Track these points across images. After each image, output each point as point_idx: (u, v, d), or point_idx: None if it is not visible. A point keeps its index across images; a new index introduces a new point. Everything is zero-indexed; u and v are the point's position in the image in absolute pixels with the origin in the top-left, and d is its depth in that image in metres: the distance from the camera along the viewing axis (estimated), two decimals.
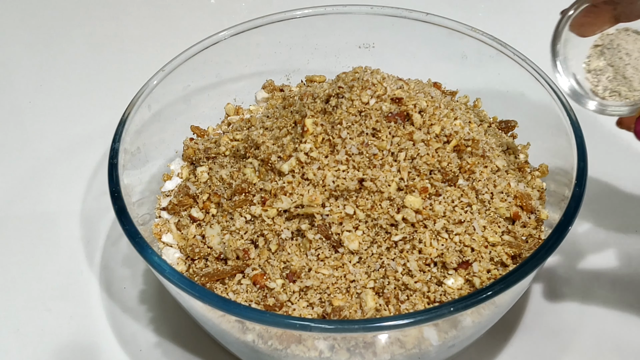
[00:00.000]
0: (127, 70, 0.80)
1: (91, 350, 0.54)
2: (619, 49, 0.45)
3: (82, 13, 0.91)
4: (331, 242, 0.48)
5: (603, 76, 0.46)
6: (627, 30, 0.46)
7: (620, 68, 0.45)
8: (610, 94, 0.46)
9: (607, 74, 0.46)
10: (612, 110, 0.46)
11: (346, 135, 0.49)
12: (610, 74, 0.46)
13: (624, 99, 0.45)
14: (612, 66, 0.46)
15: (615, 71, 0.46)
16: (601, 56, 0.46)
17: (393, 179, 0.48)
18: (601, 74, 0.46)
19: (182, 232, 0.53)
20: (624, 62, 0.45)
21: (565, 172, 0.51)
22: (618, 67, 0.45)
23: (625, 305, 0.56)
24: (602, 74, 0.46)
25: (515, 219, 0.50)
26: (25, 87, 0.80)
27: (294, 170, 0.50)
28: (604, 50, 0.46)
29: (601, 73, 0.46)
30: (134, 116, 0.55)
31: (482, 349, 0.53)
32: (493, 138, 0.54)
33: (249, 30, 0.64)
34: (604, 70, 0.46)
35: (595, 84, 0.46)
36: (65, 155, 0.71)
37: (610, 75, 0.46)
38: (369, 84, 0.51)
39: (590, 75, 0.47)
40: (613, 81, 0.46)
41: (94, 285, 0.59)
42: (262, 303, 0.47)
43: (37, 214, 0.65)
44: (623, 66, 0.45)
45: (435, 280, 0.47)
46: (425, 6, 0.65)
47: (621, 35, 0.46)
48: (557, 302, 0.56)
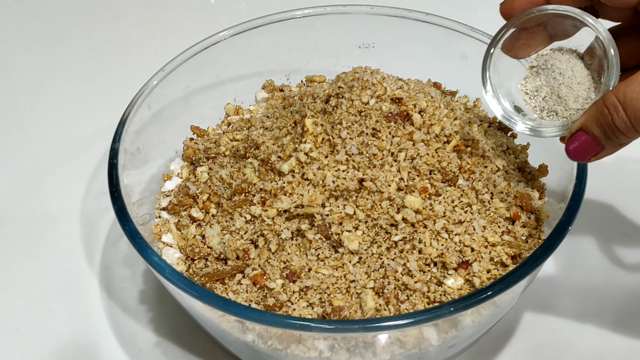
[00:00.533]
0: (127, 71, 0.80)
1: (91, 350, 0.54)
2: (552, 69, 0.46)
3: (82, 13, 0.91)
4: (331, 242, 0.48)
5: (540, 97, 0.46)
6: (561, 50, 0.46)
7: (555, 88, 0.45)
8: (548, 114, 0.46)
9: (543, 94, 0.46)
10: (547, 132, 0.46)
11: (346, 135, 0.49)
12: (547, 94, 0.46)
13: (561, 119, 0.45)
14: (548, 86, 0.46)
15: (550, 91, 0.46)
16: (537, 77, 0.47)
17: (393, 179, 0.48)
18: (537, 94, 0.46)
19: (182, 232, 0.53)
20: (558, 82, 0.45)
21: (565, 172, 0.51)
22: (553, 87, 0.46)
23: (625, 305, 0.56)
24: (538, 95, 0.46)
25: (515, 219, 0.50)
26: (25, 87, 0.80)
27: (294, 170, 0.50)
28: (539, 71, 0.46)
29: (537, 94, 0.46)
30: (134, 116, 0.55)
31: (482, 349, 0.53)
32: (493, 138, 0.54)
33: (248, 31, 0.64)
34: (540, 90, 0.46)
35: (533, 105, 0.47)
36: (65, 155, 0.71)
37: (547, 96, 0.46)
38: (369, 84, 0.51)
39: (528, 97, 0.47)
40: (549, 101, 0.46)
41: (94, 285, 0.59)
42: (262, 303, 0.47)
43: (37, 214, 0.65)
44: (557, 86, 0.45)
45: (435, 280, 0.47)
46: (425, 6, 0.65)
47: (555, 55, 0.46)
48: (557, 303, 0.56)
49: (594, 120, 0.41)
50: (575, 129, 0.42)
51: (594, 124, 0.41)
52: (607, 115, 0.40)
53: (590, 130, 0.42)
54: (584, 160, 0.43)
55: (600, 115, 0.40)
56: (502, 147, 0.56)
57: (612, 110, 0.40)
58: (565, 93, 0.45)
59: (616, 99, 0.39)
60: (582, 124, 0.42)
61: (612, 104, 0.40)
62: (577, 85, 0.45)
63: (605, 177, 0.64)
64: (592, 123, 0.41)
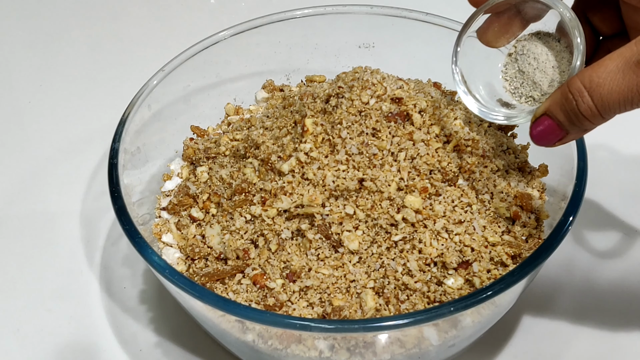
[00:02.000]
0: (127, 70, 0.80)
1: (91, 350, 0.54)
2: (528, 54, 0.45)
3: (82, 13, 0.91)
4: (331, 242, 0.48)
5: (518, 84, 0.46)
6: (539, 34, 0.46)
7: (530, 73, 0.45)
8: (526, 100, 0.46)
9: (520, 81, 0.46)
10: (518, 119, 0.46)
11: (346, 135, 0.49)
12: (523, 80, 0.46)
13: (537, 103, 0.45)
14: (523, 72, 0.46)
15: (526, 77, 0.46)
16: (514, 63, 0.47)
17: (393, 179, 0.48)
18: (516, 81, 0.46)
19: (182, 232, 0.53)
20: (532, 67, 0.45)
21: (565, 172, 0.51)
22: (528, 72, 0.46)
23: (625, 305, 0.56)
24: (517, 82, 0.46)
25: (515, 219, 0.50)
26: (25, 87, 0.80)
27: (294, 170, 0.50)
28: (516, 57, 0.46)
29: (516, 81, 0.46)
30: (134, 116, 0.55)
31: (482, 349, 0.53)
32: (493, 138, 0.54)
33: (249, 30, 0.64)
34: (517, 78, 0.46)
35: (512, 93, 0.47)
36: (65, 155, 0.71)
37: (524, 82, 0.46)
38: (369, 83, 0.51)
39: (508, 84, 0.47)
40: (526, 87, 0.46)
41: (94, 285, 0.59)
42: (262, 303, 0.47)
43: (37, 214, 0.65)
44: (532, 71, 0.45)
45: (435, 280, 0.47)
46: (425, 6, 0.65)
47: (532, 40, 0.46)
48: (557, 302, 0.56)
49: (558, 105, 0.40)
50: (540, 113, 0.41)
51: (558, 109, 0.40)
52: (571, 100, 0.39)
53: (555, 115, 0.40)
54: (548, 145, 0.42)
55: (565, 101, 0.39)
56: (502, 147, 0.55)
57: (577, 95, 0.38)
58: (539, 78, 0.45)
59: (581, 84, 0.38)
60: (547, 109, 0.41)
61: (577, 89, 0.38)
62: (551, 69, 0.44)
63: (605, 177, 0.64)
64: (557, 108, 0.40)
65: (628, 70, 0.36)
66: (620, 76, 0.36)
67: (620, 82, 0.36)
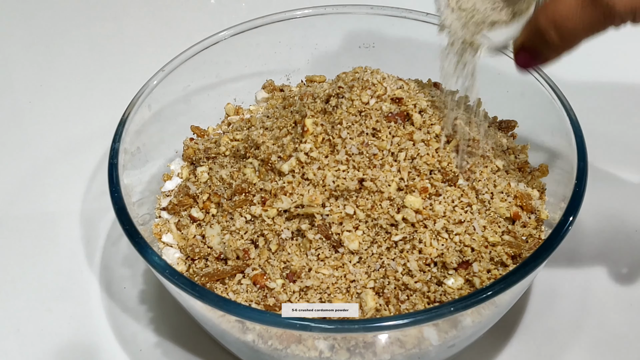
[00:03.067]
0: (127, 70, 0.80)
1: (91, 350, 0.54)
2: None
3: (82, 13, 0.91)
4: (331, 242, 0.48)
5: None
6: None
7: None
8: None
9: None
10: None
11: (346, 135, 0.49)
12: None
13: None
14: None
15: None
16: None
17: (393, 179, 0.48)
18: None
19: (182, 232, 0.53)
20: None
21: (565, 172, 0.51)
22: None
23: (625, 305, 0.56)
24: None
25: (515, 219, 0.50)
26: (25, 87, 0.80)
27: (294, 170, 0.50)
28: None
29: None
30: (134, 116, 0.55)
31: (482, 349, 0.53)
32: (493, 138, 0.54)
33: (249, 30, 0.64)
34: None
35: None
36: (65, 155, 0.71)
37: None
38: (369, 84, 0.51)
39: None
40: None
41: (94, 285, 0.59)
42: (262, 303, 0.47)
43: (37, 214, 0.65)
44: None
45: (435, 280, 0.47)
46: (425, 6, 0.64)
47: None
48: (557, 302, 0.56)
49: (531, 40, 0.44)
50: (517, 47, 0.45)
51: (532, 42, 0.44)
52: (542, 35, 0.43)
53: (531, 47, 0.44)
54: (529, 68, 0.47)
55: (536, 36, 0.43)
56: (502, 147, 0.56)
57: (545, 31, 0.42)
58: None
59: (547, 21, 0.42)
60: (522, 43, 0.45)
61: (544, 26, 0.42)
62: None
63: (605, 177, 0.64)
64: (530, 42, 0.44)
65: (587, 6, 0.40)
66: (580, 11, 0.40)
67: (582, 16, 0.40)
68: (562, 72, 0.54)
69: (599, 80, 0.75)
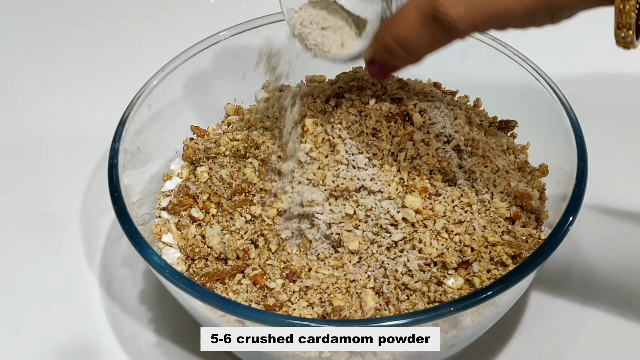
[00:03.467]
0: (127, 70, 0.80)
1: (91, 350, 0.54)
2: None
3: (82, 13, 0.91)
4: (331, 242, 0.48)
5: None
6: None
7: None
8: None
9: None
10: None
11: (346, 135, 0.49)
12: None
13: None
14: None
15: None
16: None
17: (393, 179, 0.48)
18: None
19: (182, 232, 0.53)
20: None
21: (565, 172, 0.51)
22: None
23: (625, 305, 0.56)
24: None
25: (515, 218, 0.50)
26: (25, 87, 0.80)
27: (294, 170, 0.49)
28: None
29: None
30: (134, 116, 0.55)
31: (482, 349, 0.53)
32: (493, 138, 0.54)
33: (249, 30, 0.64)
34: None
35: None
36: (65, 155, 0.71)
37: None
38: (368, 83, 0.51)
39: None
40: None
41: (94, 285, 0.59)
42: (262, 303, 0.47)
43: (37, 214, 0.65)
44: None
45: (435, 280, 0.47)
46: None
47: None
48: (557, 302, 0.56)
49: (379, 55, 0.45)
50: (367, 60, 0.47)
51: (381, 57, 0.45)
52: (389, 52, 0.44)
53: (380, 61, 0.46)
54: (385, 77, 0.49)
55: (383, 52, 0.44)
56: (502, 147, 0.56)
57: (392, 49, 0.44)
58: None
59: (392, 40, 0.43)
60: (372, 57, 0.46)
61: (390, 44, 0.43)
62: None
63: (605, 177, 0.64)
64: (379, 56, 0.45)
65: (428, 24, 0.41)
66: (422, 29, 0.41)
67: (424, 34, 0.41)
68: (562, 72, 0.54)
69: (599, 79, 0.75)
